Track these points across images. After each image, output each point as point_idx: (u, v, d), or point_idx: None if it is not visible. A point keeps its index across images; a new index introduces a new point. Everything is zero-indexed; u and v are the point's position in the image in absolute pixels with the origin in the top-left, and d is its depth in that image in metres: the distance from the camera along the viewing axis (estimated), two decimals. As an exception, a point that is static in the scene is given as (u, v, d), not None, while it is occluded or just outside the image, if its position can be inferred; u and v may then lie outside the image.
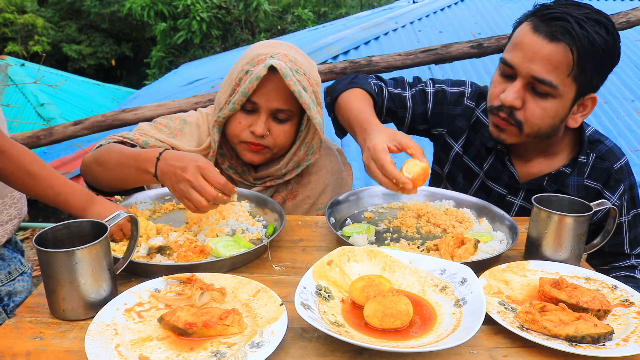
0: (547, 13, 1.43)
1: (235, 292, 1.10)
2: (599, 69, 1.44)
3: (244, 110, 1.59)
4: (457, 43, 3.39)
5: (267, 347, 0.92)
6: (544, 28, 1.41)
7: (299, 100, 1.53)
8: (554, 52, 1.40)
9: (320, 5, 16.12)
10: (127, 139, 1.62)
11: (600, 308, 1.05)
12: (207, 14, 12.95)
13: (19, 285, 1.55)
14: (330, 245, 1.37)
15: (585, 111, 1.53)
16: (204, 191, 1.29)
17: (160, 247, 1.31)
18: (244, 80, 1.55)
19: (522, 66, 1.45)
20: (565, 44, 1.39)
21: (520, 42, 1.46)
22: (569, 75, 1.42)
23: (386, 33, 7.55)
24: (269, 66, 1.50)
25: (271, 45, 1.63)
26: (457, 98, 1.77)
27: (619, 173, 1.62)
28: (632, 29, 3.75)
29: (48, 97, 8.00)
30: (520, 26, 1.49)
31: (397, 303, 0.99)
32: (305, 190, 1.78)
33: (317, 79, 1.65)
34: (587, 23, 1.39)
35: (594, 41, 1.38)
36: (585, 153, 1.62)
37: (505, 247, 1.34)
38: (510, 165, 1.66)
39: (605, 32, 1.40)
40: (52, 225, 1.07)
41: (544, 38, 1.41)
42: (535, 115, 1.48)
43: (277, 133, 1.62)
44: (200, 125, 1.75)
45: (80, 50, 16.59)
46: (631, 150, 5.04)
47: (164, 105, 3.37)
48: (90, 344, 0.92)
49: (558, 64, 1.41)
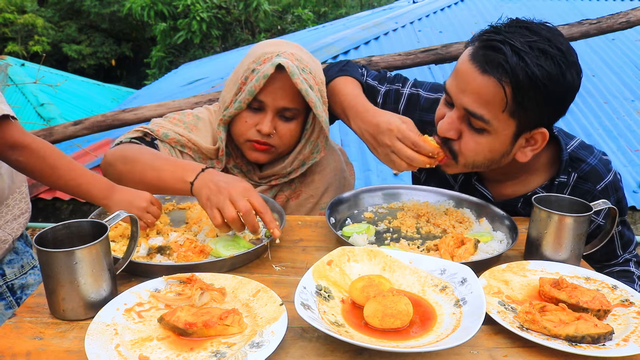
0: (488, 39, 1.31)
1: (235, 292, 1.10)
2: (543, 104, 1.31)
3: (250, 109, 1.59)
4: (457, 43, 3.39)
5: (267, 347, 0.92)
6: (479, 57, 1.31)
7: (306, 99, 1.53)
8: (484, 85, 1.30)
9: (320, 5, 16.12)
10: (147, 130, 1.65)
11: (600, 308, 1.05)
12: (207, 14, 12.95)
13: (31, 278, 1.60)
14: (330, 245, 1.37)
15: (536, 145, 1.42)
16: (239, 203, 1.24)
17: (161, 247, 1.31)
18: (250, 78, 1.55)
19: (457, 97, 1.36)
20: (495, 78, 1.28)
21: (458, 69, 1.37)
22: (503, 110, 1.31)
23: (386, 33, 7.55)
24: (277, 64, 1.50)
25: (277, 44, 1.63)
26: (430, 105, 1.65)
27: (603, 193, 1.50)
28: (632, 29, 3.74)
29: (48, 97, 7.99)
30: (465, 51, 1.38)
31: (397, 303, 0.99)
32: (309, 189, 1.78)
33: (322, 77, 1.65)
34: (528, 54, 1.25)
35: (532, 75, 1.25)
36: (566, 172, 1.51)
37: (505, 247, 1.34)
38: (479, 186, 1.60)
39: (551, 63, 1.26)
40: (52, 225, 1.07)
41: (476, 69, 1.31)
42: (469, 148, 1.39)
43: (283, 132, 1.62)
44: (212, 122, 1.75)
45: (80, 50, 16.59)
46: (631, 150, 5.04)
47: (164, 105, 3.38)
48: (90, 344, 0.92)
49: (490, 99, 1.30)
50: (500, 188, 1.60)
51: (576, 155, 1.52)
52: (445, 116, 1.41)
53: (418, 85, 1.72)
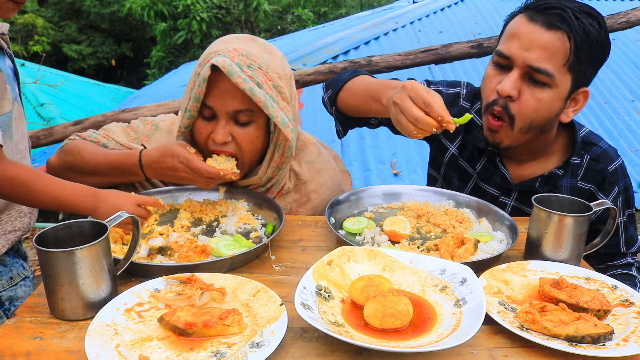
0: (542, 4, 1.44)
1: (235, 292, 1.10)
2: (592, 61, 1.45)
3: (203, 117, 1.49)
4: (457, 43, 3.39)
5: (267, 347, 0.92)
6: (541, 18, 1.42)
7: (253, 99, 1.39)
8: (551, 40, 1.40)
9: (320, 5, 16.12)
10: (90, 139, 1.61)
11: (600, 308, 1.05)
12: (207, 14, 12.95)
13: (21, 290, 1.54)
14: (330, 245, 1.37)
15: (577, 106, 1.53)
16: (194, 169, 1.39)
17: (161, 247, 1.31)
18: (194, 83, 1.45)
19: (519, 56, 1.44)
20: (563, 31, 1.40)
21: (516, 32, 1.45)
22: (564, 64, 1.42)
23: (386, 33, 7.56)
24: (212, 65, 1.39)
25: (226, 41, 1.51)
26: (452, 99, 1.74)
27: (613, 175, 1.60)
28: (632, 29, 3.74)
29: (48, 97, 7.99)
30: (515, 19, 1.49)
31: (397, 303, 0.99)
32: (305, 209, 1.72)
33: (280, 71, 1.50)
34: (581, 15, 1.41)
35: (589, 32, 1.40)
36: (578, 154, 1.61)
37: (505, 247, 1.34)
38: (502, 167, 1.65)
39: (597, 25, 1.42)
40: (52, 225, 1.07)
41: (541, 26, 1.41)
42: (530, 107, 1.46)
43: (241, 137, 1.48)
44: (172, 131, 1.68)
45: (80, 50, 16.59)
46: (631, 150, 5.04)
47: (164, 105, 3.37)
48: (90, 344, 0.92)
49: (555, 52, 1.41)
50: (519, 169, 1.66)
51: (588, 139, 1.63)
52: (505, 78, 1.47)
53: (434, 84, 1.78)
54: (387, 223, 1.44)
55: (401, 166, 4.69)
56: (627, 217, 1.64)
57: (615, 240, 1.63)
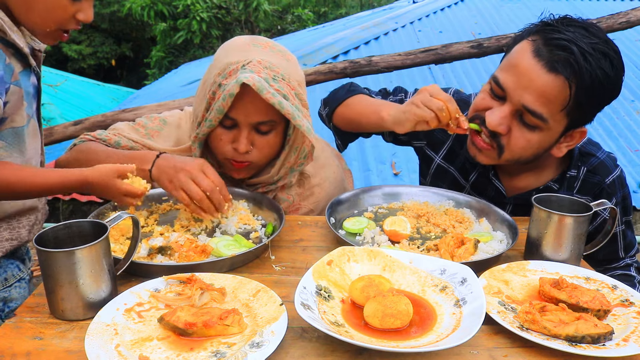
0: (552, 37, 1.32)
1: (235, 292, 1.10)
2: (595, 104, 1.37)
3: (224, 126, 1.48)
4: (457, 43, 3.39)
5: (267, 347, 0.92)
6: (546, 54, 1.31)
7: (282, 112, 1.39)
8: (550, 84, 1.31)
9: (320, 5, 16.11)
10: (99, 140, 1.60)
11: (600, 308, 1.05)
12: (207, 14, 12.94)
13: (15, 291, 1.53)
14: (330, 245, 1.37)
15: (572, 142, 1.46)
16: (202, 182, 1.31)
17: (161, 247, 1.31)
18: (217, 95, 1.42)
19: (515, 92, 1.36)
20: (564, 77, 1.29)
21: (517, 64, 1.35)
22: (562, 110, 1.34)
23: (386, 33, 7.56)
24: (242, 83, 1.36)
25: (243, 49, 1.47)
26: None
27: (610, 187, 1.55)
28: (632, 29, 3.74)
29: (48, 97, 7.98)
30: (521, 43, 1.38)
31: (397, 303, 0.99)
32: (308, 203, 1.73)
33: (298, 78, 1.51)
34: (592, 56, 1.29)
35: (595, 77, 1.29)
36: (575, 166, 1.55)
37: (505, 247, 1.34)
38: (495, 181, 1.61)
39: (609, 66, 1.31)
40: (52, 225, 1.07)
41: (543, 66, 1.31)
42: (519, 145, 1.41)
43: (261, 145, 1.51)
44: (181, 126, 1.69)
45: (80, 50, 16.58)
46: (631, 150, 5.04)
47: (164, 105, 3.38)
48: (90, 344, 0.92)
49: (553, 98, 1.32)
50: (513, 182, 1.61)
51: (585, 150, 1.57)
52: (496, 110, 1.40)
53: None
54: (387, 223, 1.44)
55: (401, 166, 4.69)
56: (624, 225, 1.61)
57: (614, 247, 1.61)
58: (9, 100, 1.31)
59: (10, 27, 1.28)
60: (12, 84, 1.30)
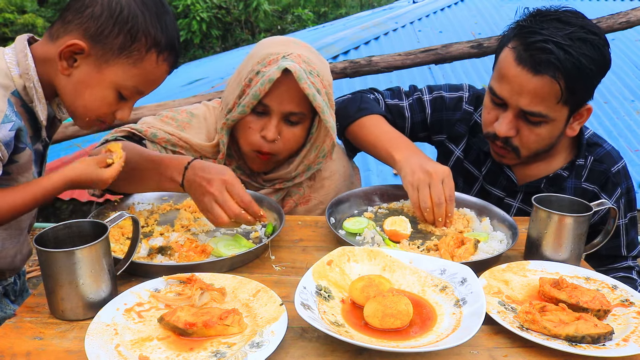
0: (529, 41, 1.38)
1: (235, 292, 1.10)
2: (589, 85, 1.44)
3: (255, 113, 1.52)
4: (457, 43, 3.39)
5: (267, 347, 0.92)
6: (528, 60, 1.38)
7: (313, 104, 1.46)
8: (539, 85, 1.39)
9: (320, 5, 16.11)
10: (134, 130, 1.60)
11: (600, 308, 1.05)
12: (207, 14, 12.95)
13: None
14: (330, 245, 1.37)
15: (582, 119, 1.54)
16: (226, 206, 1.26)
17: (161, 247, 1.31)
18: (254, 81, 1.48)
19: (511, 99, 1.45)
20: (550, 76, 1.37)
21: (506, 74, 1.44)
22: (558, 102, 1.41)
23: (386, 33, 7.55)
24: (283, 68, 1.43)
25: (283, 43, 1.55)
26: (455, 103, 1.76)
27: (616, 176, 1.61)
28: (632, 29, 3.74)
29: (48, 97, 7.98)
30: (504, 52, 1.46)
31: (397, 303, 0.99)
32: (319, 195, 1.74)
33: (329, 79, 1.58)
34: (571, 46, 1.35)
35: (580, 64, 1.36)
36: (583, 156, 1.62)
37: (505, 247, 1.34)
38: (507, 170, 1.66)
39: (591, 48, 1.37)
40: (52, 225, 1.07)
41: (528, 71, 1.39)
42: (531, 140, 1.50)
43: (288, 137, 1.55)
44: (207, 118, 1.71)
45: (81, 50, 16.57)
46: (631, 150, 5.04)
47: (164, 105, 3.37)
48: (90, 344, 0.92)
49: (546, 95, 1.40)
50: (525, 170, 1.67)
51: (592, 140, 1.66)
52: (501, 119, 1.50)
53: (436, 89, 1.80)
54: (387, 223, 1.44)
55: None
56: (628, 220, 1.64)
57: (616, 242, 1.63)
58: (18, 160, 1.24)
59: (39, 98, 1.22)
60: (27, 146, 1.26)
